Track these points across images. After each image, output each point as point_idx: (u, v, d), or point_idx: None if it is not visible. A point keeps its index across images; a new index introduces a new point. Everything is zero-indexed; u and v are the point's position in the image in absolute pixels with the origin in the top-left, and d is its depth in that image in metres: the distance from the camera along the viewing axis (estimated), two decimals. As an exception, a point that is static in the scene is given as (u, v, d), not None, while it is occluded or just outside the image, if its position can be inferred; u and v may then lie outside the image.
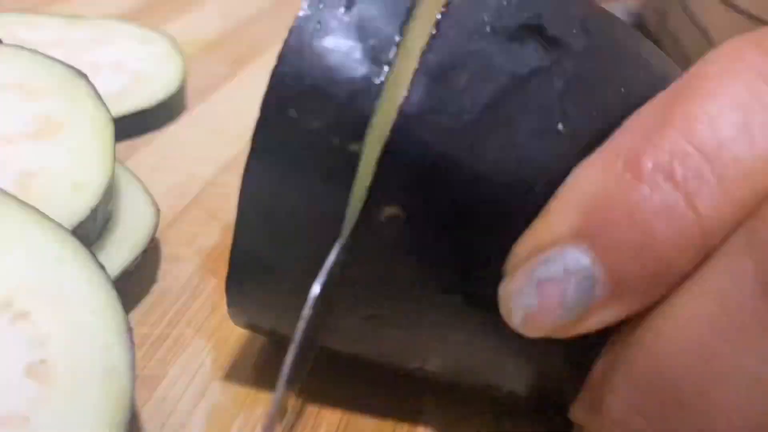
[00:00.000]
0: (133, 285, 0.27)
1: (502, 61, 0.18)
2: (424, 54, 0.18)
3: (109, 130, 0.26)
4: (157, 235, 0.29)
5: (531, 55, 0.19)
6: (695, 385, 0.16)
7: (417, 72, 0.18)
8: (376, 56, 0.18)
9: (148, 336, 0.25)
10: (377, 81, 0.18)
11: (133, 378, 0.19)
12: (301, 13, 0.19)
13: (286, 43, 0.18)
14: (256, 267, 0.20)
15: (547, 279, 0.17)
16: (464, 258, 0.19)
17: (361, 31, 0.18)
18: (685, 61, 0.45)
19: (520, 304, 0.17)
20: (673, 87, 0.18)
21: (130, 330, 0.19)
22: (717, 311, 0.16)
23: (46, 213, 0.22)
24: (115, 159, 0.26)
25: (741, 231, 0.16)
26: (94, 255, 0.20)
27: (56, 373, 0.18)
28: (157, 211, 0.28)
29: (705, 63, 0.18)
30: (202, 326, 0.26)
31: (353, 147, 0.18)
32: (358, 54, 0.18)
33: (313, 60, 0.18)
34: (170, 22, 0.51)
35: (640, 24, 0.50)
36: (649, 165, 0.16)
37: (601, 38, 0.20)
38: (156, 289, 0.28)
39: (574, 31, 0.19)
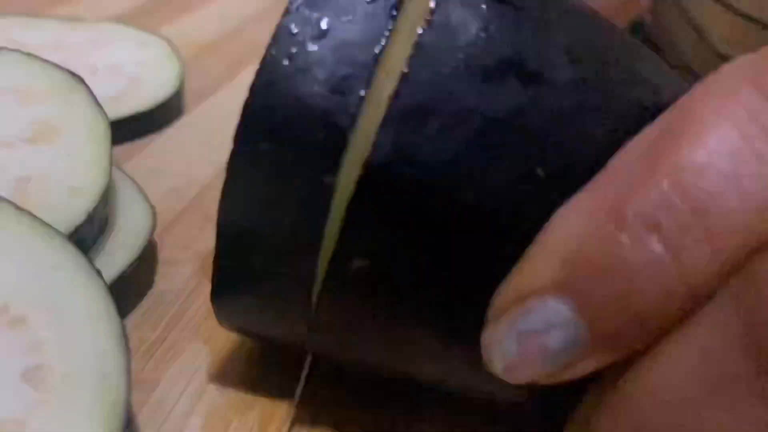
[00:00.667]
0: (129, 289, 0.27)
1: (477, 103, 0.17)
2: (392, 99, 0.17)
3: (106, 135, 0.26)
4: (154, 238, 0.30)
5: (508, 94, 0.17)
6: None
7: (384, 120, 0.17)
8: (349, 87, 0.18)
9: (145, 340, 0.26)
10: (351, 111, 0.18)
11: (129, 383, 0.19)
12: (271, 44, 0.18)
13: (257, 75, 0.18)
14: (237, 285, 0.20)
15: (528, 330, 0.16)
16: (437, 308, 0.18)
17: (334, 62, 0.18)
18: (682, 64, 0.45)
19: (501, 354, 0.17)
20: (661, 127, 0.17)
21: (125, 336, 0.19)
22: (701, 367, 0.16)
23: (43, 218, 0.22)
24: (112, 163, 0.26)
25: (728, 288, 0.16)
26: (90, 260, 0.21)
27: (52, 379, 0.18)
28: (154, 215, 0.28)
29: (695, 98, 0.17)
30: (199, 330, 0.26)
31: (328, 179, 0.18)
32: (330, 85, 0.18)
33: (285, 92, 0.18)
34: (168, 24, 0.51)
35: (638, 26, 0.50)
36: (633, 216, 0.16)
37: (588, 66, 0.19)
38: (153, 293, 0.28)
39: (559, 61, 0.18)
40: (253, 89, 0.18)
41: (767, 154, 0.16)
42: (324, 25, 0.18)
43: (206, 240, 0.31)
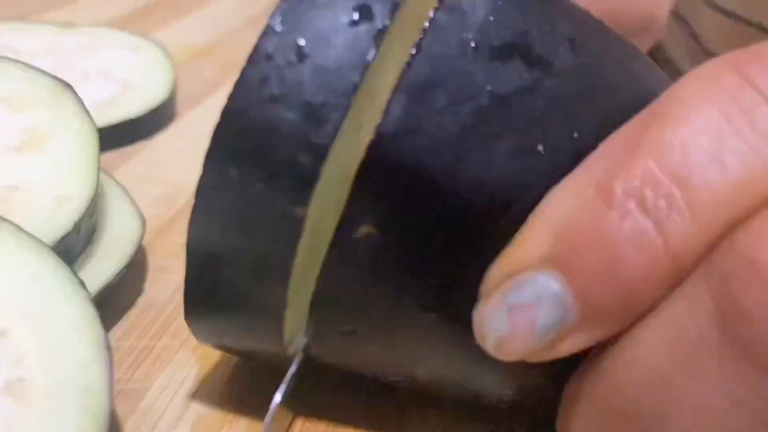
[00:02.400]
0: (119, 296, 0.27)
1: (483, 80, 0.18)
2: (404, 72, 0.17)
3: (94, 143, 0.26)
4: (145, 245, 0.29)
5: (513, 74, 0.18)
6: (653, 412, 0.16)
7: (395, 90, 0.17)
8: (324, 116, 0.17)
9: (134, 348, 0.25)
10: (324, 143, 0.17)
11: (111, 396, 0.19)
12: (246, 67, 0.17)
13: (230, 97, 0.17)
14: (208, 307, 0.20)
15: (519, 304, 0.17)
16: (440, 277, 0.18)
17: (311, 89, 0.17)
18: (672, 68, 0.45)
19: (492, 329, 0.17)
20: (648, 109, 0.18)
21: (108, 347, 0.19)
22: (675, 341, 0.16)
23: (30, 227, 0.22)
24: (99, 172, 0.26)
25: (703, 263, 0.16)
26: (73, 272, 0.20)
27: (34, 391, 0.18)
28: (143, 222, 0.28)
29: (681, 85, 0.18)
30: (188, 338, 0.26)
31: (298, 211, 0.17)
32: (304, 114, 0.17)
33: (257, 119, 0.17)
34: (161, 28, 0.51)
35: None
36: (620, 191, 0.16)
37: (589, 57, 0.19)
38: (142, 301, 0.28)
39: (562, 49, 0.19)
40: (225, 112, 0.17)
41: (747, 132, 0.16)
42: (303, 49, 0.17)
43: (196, 247, 0.30)
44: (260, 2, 0.56)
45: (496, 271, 0.18)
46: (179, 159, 0.37)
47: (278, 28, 0.17)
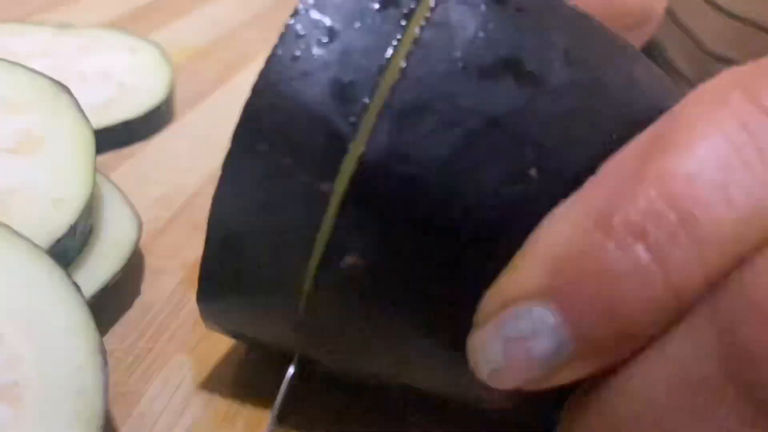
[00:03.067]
0: (115, 299, 0.27)
1: (473, 101, 0.17)
2: (389, 96, 0.17)
3: (90, 145, 0.26)
4: (141, 247, 0.29)
5: (505, 94, 0.17)
6: None
7: (380, 116, 0.17)
8: (353, 95, 0.17)
9: (130, 351, 0.25)
10: (352, 120, 0.17)
11: (106, 400, 0.19)
12: (277, 44, 0.18)
13: (261, 74, 0.18)
14: (224, 287, 0.20)
15: (514, 336, 0.16)
16: (430, 306, 0.18)
17: (339, 67, 0.17)
18: (673, 69, 0.45)
19: (487, 359, 0.17)
20: (652, 133, 0.17)
21: (103, 351, 0.19)
22: (677, 377, 0.16)
23: (25, 229, 0.22)
24: (95, 174, 0.26)
25: (707, 299, 0.16)
26: (69, 275, 0.20)
27: (28, 396, 0.18)
28: (140, 224, 0.28)
29: (688, 106, 0.17)
30: (184, 341, 0.26)
31: (324, 186, 0.17)
32: (334, 91, 0.17)
33: (288, 95, 0.17)
34: (159, 29, 0.51)
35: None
36: (620, 223, 0.16)
37: (586, 69, 0.19)
38: (139, 303, 0.28)
39: (556, 63, 0.18)
40: (256, 88, 0.18)
41: (755, 162, 0.16)
42: (332, 29, 0.18)
43: (193, 249, 0.30)
44: (258, 3, 0.56)
45: (490, 299, 0.17)
46: (177, 161, 0.37)
47: (308, 8, 0.18)
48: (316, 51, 0.18)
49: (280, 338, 0.21)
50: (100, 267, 0.26)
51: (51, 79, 0.28)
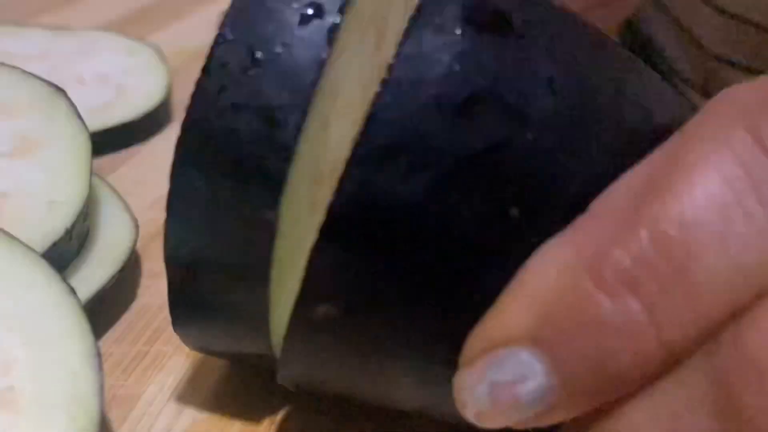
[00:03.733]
0: (112, 301, 0.27)
1: (448, 141, 0.16)
2: (358, 141, 0.16)
3: (86, 149, 0.26)
4: (138, 250, 0.29)
5: (482, 130, 0.16)
6: None
7: (349, 164, 0.16)
8: (284, 118, 0.17)
9: (127, 353, 0.25)
10: (287, 143, 0.17)
11: (102, 404, 0.19)
12: (202, 77, 0.17)
13: (189, 111, 0.17)
14: (194, 315, 0.20)
15: (500, 381, 0.16)
16: (408, 353, 0.18)
17: (268, 92, 0.17)
18: (671, 69, 0.45)
19: (473, 401, 0.17)
20: (647, 170, 0.16)
21: (99, 356, 0.19)
22: (666, 427, 0.15)
23: (21, 233, 0.22)
24: (91, 177, 0.26)
25: (702, 352, 0.15)
26: (64, 279, 0.20)
27: (24, 400, 0.18)
28: (137, 227, 0.28)
29: (687, 139, 0.16)
30: (181, 343, 0.26)
31: (269, 214, 0.17)
32: (265, 118, 0.17)
33: (219, 128, 0.17)
34: (157, 31, 0.51)
35: (628, 31, 0.50)
36: (610, 271, 0.15)
37: (572, 98, 0.17)
38: (136, 306, 0.28)
39: (539, 92, 0.17)
40: (186, 125, 0.17)
41: (756, 212, 0.15)
42: (255, 53, 0.17)
43: (191, 251, 0.30)
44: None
45: (475, 341, 0.17)
46: (174, 163, 0.37)
47: (229, 35, 0.17)
48: (242, 79, 0.17)
49: (260, 361, 0.21)
50: (96, 270, 0.26)
51: (48, 82, 0.29)
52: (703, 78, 0.41)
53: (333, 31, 0.17)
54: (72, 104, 0.28)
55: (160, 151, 0.38)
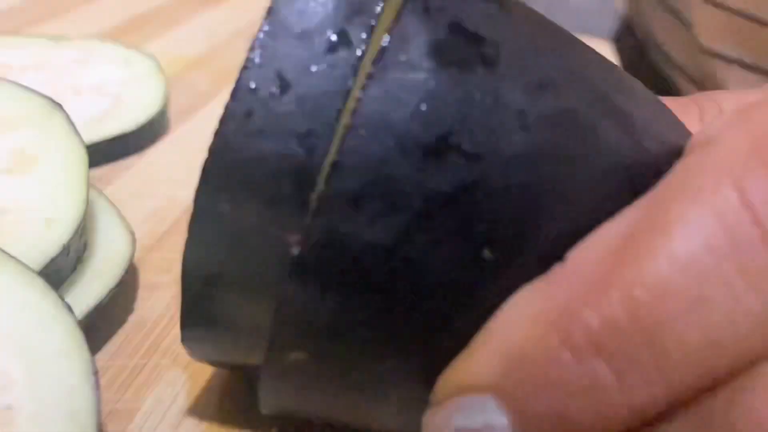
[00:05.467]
0: (109, 315, 0.27)
1: (416, 184, 0.16)
2: (324, 188, 0.16)
3: (83, 164, 0.26)
4: (135, 262, 0.30)
5: (451, 171, 0.16)
6: None
7: (314, 213, 0.16)
8: (312, 143, 0.17)
9: (124, 367, 0.26)
10: (312, 171, 0.17)
11: (100, 421, 0.19)
12: (230, 101, 0.17)
13: (216, 134, 0.17)
14: (204, 333, 0.20)
15: (466, 427, 0.16)
16: (378, 392, 0.18)
17: (296, 118, 0.17)
18: (668, 62, 0.45)
19: None
20: (628, 222, 0.16)
21: (96, 373, 0.19)
22: None
23: (18, 250, 0.22)
24: (88, 192, 0.26)
25: (692, 413, 0.15)
26: (61, 296, 0.21)
27: (21, 419, 0.18)
28: (134, 240, 0.28)
29: (671, 193, 0.15)
30: (178, 356, 0.26)
31: (293, 238, 0.17)
32: (292, 144, 0.17)
33: (245, 152, 0.17)
34: (153, 39, 0.51)
35: (627, 30, 0.50)
36: (579, 332, 0.15)
37: (545, 131, 0.17)
38: (133, 319, 0.28)
39: (509, 128, 0.16)
40: (213, 148, 0.17)
41: (735, 281, 0.14)
42: (284, 79, 0.17)
43: (187, 263, 0.31)
44: (251, 12, 0.56)
45: (445, 383, 0.17)
46: (171, 174, 0.37)
47: (258, 60, 0.17)
48: (270, 104, 0.17)
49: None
50: (93, 284, 0.26)
51: (44, 96, 0.29)
52: (700, 71, 0.42)
53: (359, 59, 0.17)
54: (69, 119, 0.28)
55: (156, 162, 0.38)
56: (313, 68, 0.17)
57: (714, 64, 0.40)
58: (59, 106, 0.29)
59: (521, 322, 0.16)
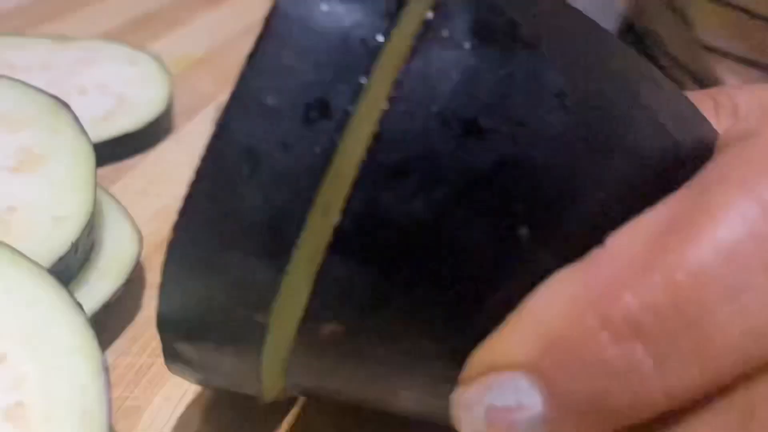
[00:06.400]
0: (117, 313, 0.27)
1: (456, 159, 0.16)
2: (365, 160, 0.16)
3: (90, 162, 0.26)
4: (142, 260, 0.30)
5: (491, 148, 0.16)
6: None
7: (356, 182, 0.16)
8: (281, 228, 0.16)
9: (133, 365, 0.26)
10: (282, 255, 0.16)
11: (110, 419, 0.19)
12: (195, 180, 0.16)
13: (181, 214, 0.16)
14: (188, 369, 0.20)
15: (498, 405, 0.16)
16: (410, 368, 0.18)
17: (265, 199, 0.16)
18: (669, 57, 0.45)
19: (469, 419, 0.16)
20: (670, 210, 0.16)
21: (107, 370, 0.20)
22: None
23: (27, 249, 0.22)
24: (96, 190, 0.26)
25: (729, 402, 0.15)
26: (71, 294, 0.21)
27: (32, 416, 0.18)
28: (140, 239, 0.28)
29: (713, 182, 0.16)
30: (186, 354, 0.26)
31: (259, 317, 0.17)
32: (261, 227, 0.16)
33: (211, 235, 0.16)
34: (158, 39, 0.51)
35: (628, 26, 0.50)
36: (619, 315, 0.15)
37: (583, 112, 0.17)
38: (141, 317, 0.28)
39: (549, 108, 0.16)
40: (178, 227, 0.16)
41: None
42: (254, 156, 0.16)
43: (194, 261, 0.31)
44: (256, 10, 0.56)
45: (477, 361, 0.17)
46: (176, 172, 0.37)
47: (225, 130, 0.16)
48: (237, 178, 0.16)
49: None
50: (101, 283, 0.26)
51: (51, 95, 0.29)
52: (700, 68, 0.42)
53: (340, 131, 0.16)
54: (76, 117, 0.28)
55: (161, 161, 0.38)
56: (287, 143, 0.16)
57: (712, 60, 0.40)
58: (66, 105, 0.29)
59: (559, 302, 0.16)
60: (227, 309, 0.17)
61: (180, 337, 0.18)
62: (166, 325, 0.18)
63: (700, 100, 0.21)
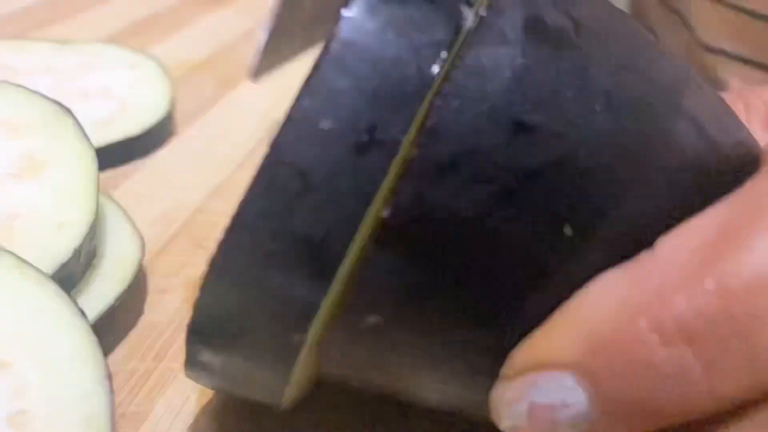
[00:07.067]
0: (119, 319, 0.27)
1: (504, 157, 0.16)
2: (413, 155, 0.16)
3: (93, 168, 0.26)
4: (144, 265, 0.30)
5: (538, 147, 0.16)
6: None
7: (403, 177, 0.16)
8: (325, 250, 0.16)
9: (135, 371, 0.26)
10: (324, 277, 0.16)
11: (113, 425, 0.19)
12: (246, 197, 0.16)
13: (229, 229, 0.16)
14: (208, 379, 0.20)
15: (541, 402, 0.16)
16: (453, 366, 0.18)
17: (311, 222, 0.16)
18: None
19: (510, 415, 0.17)
20: (722, 215, 0.16)
21: (109, 377, 0.20)
22: None
23: (30, 255, 0.22)
24: (98, 196, 0.26)
25: (756, 410, 0.15)
26: (74, 301, 0.21)
27: (36, 423, 0.18)
28: (143, 243, 0.28)
29: (766, 192, 0.16)
30: (188, 360, 0.26)
31: (297, 336, 0.17)
32: (305, 249, 0.16)
33: (257, 251, 0.16)
34: (159, 43, 0.51)
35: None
36: (670, 319, 0.15)
37: (628, 112, 0.17)
38: (143, 322, 0.28)
39: (597, 107, 0.16)
40: (225, 238, 0.16)
41: None
42: (306, 178, 0.16)
43: (196, 266, 0.31)
44: (257, 14, 0.56)
45: (521, 357, 0.17)
46: (178, 177, 0.37)
47: (278, 154, 0.16)
48: (290, 204, 0.16)
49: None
50: (104, 289, 0.26)
51: (54, 101, 0.29)
52: (702, 69, 0.42)
53: (390, 159, 0.16)
54: (78, 123, 0.28)
55: (163, 165, 0.38)
56: (339, 169, 0.16)
57: (714, 61, 0.40)
58: (68, 110, 0.29)
59: (608, 304, 0.16)
60: (264, 325, 0.17)
61: (208, 347, 0.18)
62: (197, 336, 0.18)
63: (731, 101, 0.21)
